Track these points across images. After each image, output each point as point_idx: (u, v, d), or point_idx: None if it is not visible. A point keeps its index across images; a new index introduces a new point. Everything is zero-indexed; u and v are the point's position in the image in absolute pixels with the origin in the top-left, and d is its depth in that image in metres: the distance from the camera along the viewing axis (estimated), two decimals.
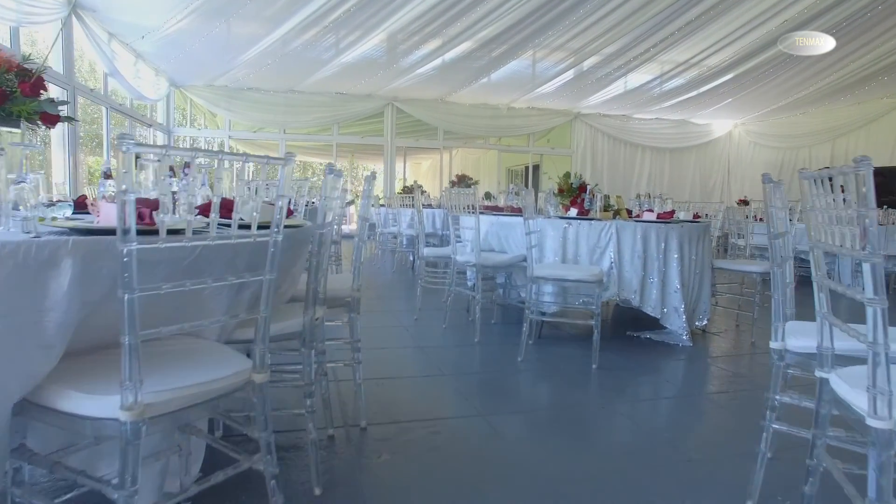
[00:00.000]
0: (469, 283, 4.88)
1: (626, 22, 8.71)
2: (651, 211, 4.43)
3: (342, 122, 13.55)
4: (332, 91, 12.88)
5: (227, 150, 13.66)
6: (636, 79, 11.39)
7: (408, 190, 11.05)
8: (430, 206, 8.14)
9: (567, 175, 5.46)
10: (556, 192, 5.08)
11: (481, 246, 4.49)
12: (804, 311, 2.13)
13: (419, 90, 12.70)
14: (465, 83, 12.09)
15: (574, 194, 4.90)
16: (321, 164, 25.96)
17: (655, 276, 4.20)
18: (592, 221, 4.16)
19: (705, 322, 4.66)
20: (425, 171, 22.80)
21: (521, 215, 4.44)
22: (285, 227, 2.07)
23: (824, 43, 8.41)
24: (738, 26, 8.84)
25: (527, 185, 16.67)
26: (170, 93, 12.22)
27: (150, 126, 11.39)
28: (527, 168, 16.35)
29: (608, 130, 14.80)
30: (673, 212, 4.76)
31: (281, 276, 2.35)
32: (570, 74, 11.31)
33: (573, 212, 4.32)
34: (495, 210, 4.63)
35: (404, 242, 7.99)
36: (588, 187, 4.59)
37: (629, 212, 5.14)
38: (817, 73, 10.81)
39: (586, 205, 4.56)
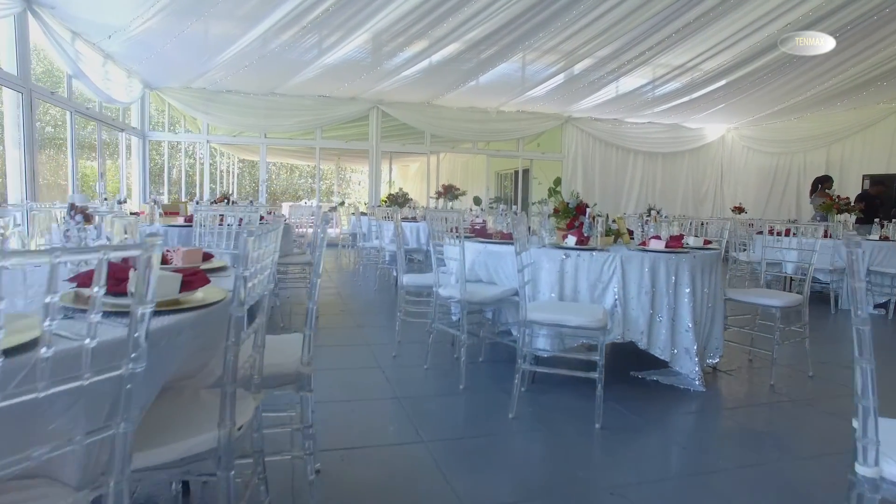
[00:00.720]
0: (454, 318, 4.31)
1: (623, 23, 8.15)
2: (658, 238, 3.87)
3: (325, 125, 12.91)
4: (314, 94, 12.24)
5: (207, 154, 13.03)
6: (631, 82, 10.85)
7: (393, 198, 10.48)
8: (413, 219, 7.50)
9: (558, 181, 4.95)
10: (550, 213, 4.52)
11: (467, 276, 3.92)
12: (832, 343, 1.58)
13: (405, 93, 12.10)
14: (453, 86, 11.50)
15: (571, 215, 4.34)
16: (308, 166, 25.29)
17: (664, 314, 3.65)
18: (594, 252, 3.60)
19: (717, 360, 4.12)
20: (413, 174, 22.23)
21: (511, 242, 3.87)
22: (198, 307, 1.50)
23: (824, 43, 7.89)
24: (738, 29, 8.31)
25: (516, 191, 16.16)
26: (144, 95, 11.53)
27: (122, 130, 10.70)
28: (516, 172, 15.80)
29: (599, 135, 14.27)
30: (682, 236, 4.21)
31: (207, 354, 1.78)
32: (561, 78, 10.75)
33: (571, 240, 3.75)
34: (482, 235, 4.06)
35: (387, 258, 7.39)
36: (588, 210, 4.03)
37: (630, 233, 4.59)
38: (814, 77, 10.30)
39: (585, 230, 3.99)
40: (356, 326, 5.27)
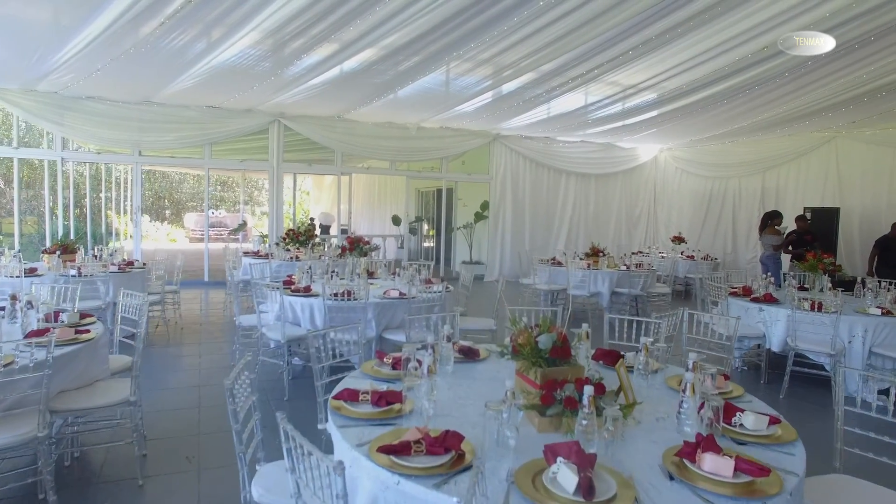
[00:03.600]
0: None
1: (574, 35, 6.34)
2: (716, 450, 1.95)
3: (216, 141, 10.42)
4: (201, 104, 9.76)
5: (60, 176, 10.17)
6: (575, 100, 9.09)
7: (294, 235, 8.25)
8: (307, 290, 5.18)
9: (486, 205, 3.06)
10: (507, 349, 2.60)
11: None
12: None
13: (311, 106, 9.85)
14: (367, 99, 9.37)
15: (542, 363, 2.43)
16: (212, 175, 22.26)
17: None
18: None
19: None
20: (329, 185, 19.80)
21: (455, 471, 1.90)
22: None
23: (824, 43, 6.39)
24: (707, 48, 6.70)
25: (440, 210, 14.16)
26: None
27: None
28: (439, 191, 13.87)
29: (530, 154, 12.53)
30: (733, 410, 2.36)
31: None
32: (494, 94, 8.88)
33: (568, 478, 1.76)
34: (394, 449, 1.97)
35: (271, 345, 5.15)
36: (586, 391, 2.08)
37: (622, 356, 2.73)
38: (768, 102, 8.86)
39: (580, 423, 2.06)
40: None
